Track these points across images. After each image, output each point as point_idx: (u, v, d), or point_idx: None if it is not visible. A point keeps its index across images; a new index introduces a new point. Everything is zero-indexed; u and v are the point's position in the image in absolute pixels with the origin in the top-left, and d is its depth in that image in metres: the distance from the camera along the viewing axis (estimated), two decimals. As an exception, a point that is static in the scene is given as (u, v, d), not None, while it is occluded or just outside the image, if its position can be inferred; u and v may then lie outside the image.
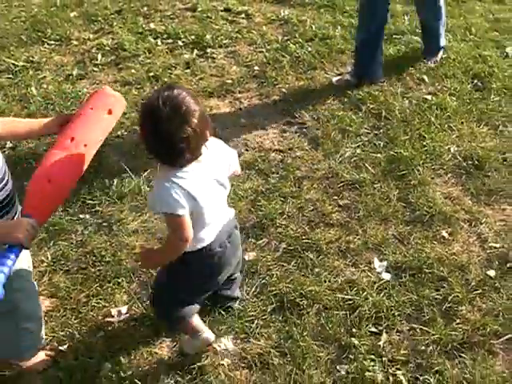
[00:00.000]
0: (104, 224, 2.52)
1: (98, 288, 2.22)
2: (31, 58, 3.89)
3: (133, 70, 3.74)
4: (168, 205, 1.64)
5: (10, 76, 3.69)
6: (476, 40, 4.15)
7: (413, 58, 3.83)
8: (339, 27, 4.24)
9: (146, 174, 2.80)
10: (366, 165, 2.83)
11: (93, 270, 2.29)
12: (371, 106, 3.29)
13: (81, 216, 2.57)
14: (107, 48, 4.03)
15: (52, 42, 4.13)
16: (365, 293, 2.18)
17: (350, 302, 2.15)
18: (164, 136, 1.60)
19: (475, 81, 3.64)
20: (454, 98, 3.45)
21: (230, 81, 3.58)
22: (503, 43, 4.14)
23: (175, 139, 1.60)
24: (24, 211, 1.61)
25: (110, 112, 1.83)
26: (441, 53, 3.92)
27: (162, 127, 1.59)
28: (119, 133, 3.09)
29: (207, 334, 1.96)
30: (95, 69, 3.80)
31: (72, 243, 2.43)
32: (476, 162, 2.92)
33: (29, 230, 1.53)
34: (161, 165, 1.72)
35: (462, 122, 3.22)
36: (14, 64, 3.75)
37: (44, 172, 1.63)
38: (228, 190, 1.85)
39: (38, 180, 1.62)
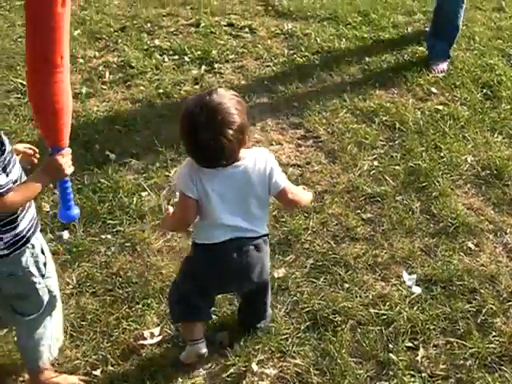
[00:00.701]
0: (127, 244, 2.50)
1: (128, 310, 2.20)
2: (39, 78, 3.86)
3: (142, 87, 3.73)
4: (181, 184, 1.79)
5: (19, 96, 3.66)
6: (481, 49, 4.20)
7: (419, 69, 3.87)
8: (344, 39, 4.28)
9: (164, 192, 2.79)
10: (386, 177, 2.84)
11: (120, 291, 2.27)
12: (384, 118, 3.31)
13: (102, 236, 2.55)
14: (114, 65, 4.02)
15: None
16: (398, 307, 2.18)
17: (384, 317, 2.15)
18: (197, 142, 1.66)
19: (485, 90, 3.69)
20: (466, 108, 3.48)
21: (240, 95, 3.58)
22: (508, 51, 4.20)
23: (208, 147, 1.65)
24: (47, 145, 1.75)
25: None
26: (447, 62, 3.98)
27: (197, 133, 1.64)
28: (134, 151, 3.07)
29: (201, 346, 1.96)
30: (104, 87, 3.78)
31: (96, 264, 2.41)
32: (494, 172, 2.95)
33: (64, 162, 1.72)
34: None
35: (476, 132, 3.26)
36: (22, 84, 3.73)
37: (45, 103, 1.69)
38: (262, 209, 1.85)
39: (43, 114, 1.72)
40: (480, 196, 2.79)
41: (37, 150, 1.92)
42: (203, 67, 3.91)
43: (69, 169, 1.75)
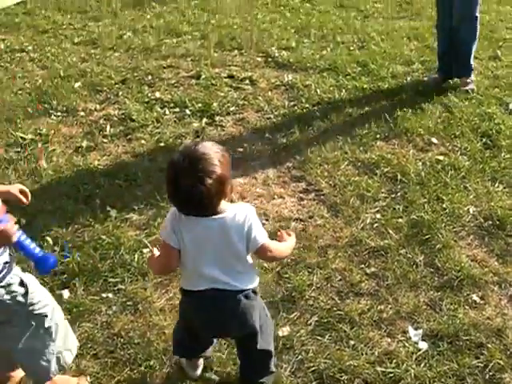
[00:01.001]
0: (129, 303, 2.50)
1: (129, 372, 2.18)
2: (39, 131, 3.93)
3: (143, 141, 3.79)
4: (164, 232, 1.85)
5: (19, 150, 3.72)
6: (479, 98, 4.29)
7: (419, 118, 3.94)
8: (344, 90, 4.38)
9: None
10: (389, 230, 2.85)
11: (122, 352, 2.26)
12: (385, 170, 3.35)
13: (103, 295, 2.55)
14: (115, 118, 4.10)
15: (59, 114, 4.19)
16: (404, 364, 2.17)
17: (391, 375, 2.14)
18: (178, 188, 1.70)
19: (484, 139, 3.75)
20: (466, 158, 3.53)
21: (241, 149, 3.64)
22: (506, 100, 4.29)
23: (188, 194, 1.69)
24: None
25: None
26: (472, 77, 4.42)
27: (178, 180, 1.69)
28: (136, 206, 3.10)
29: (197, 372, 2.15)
30: (104, 140, 3.84)
31: (97, 325, 2.40)
32: (497, 222, 2.96)
33: (7, 229, 1.68)
34: None
35: (477, 182, 3.29)
36: (22, 137, 3.79)
37: None
38: (241, 264, 1.85)
39: None
40: (483, 247, 2.80)
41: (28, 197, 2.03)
42: (204, 120, 3.98)
43: (14, 236, 1.72)
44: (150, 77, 4.69)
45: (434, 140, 3.71)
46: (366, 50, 5.21)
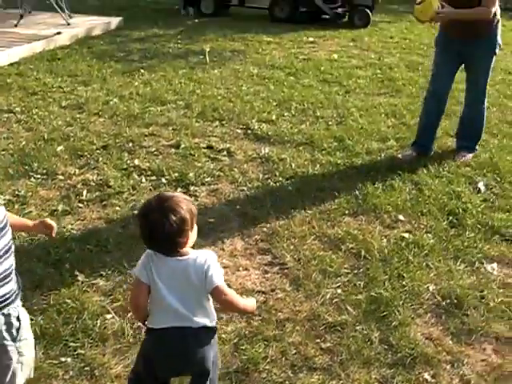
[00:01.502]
0: (86, 368, 2.58)
1: None
2: (17, 192, 4.07)
3: (117, 208, 3.93)
4: (136, 269, 2.08)
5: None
6: (449, 176, 4.51)
7: (389, 196, 4.12)
8: (318, 165, 4.58)
9: (129, 314, 2.91)
10: (347, 306, 2.98)
11: (74, 419, 2.33)
12: (350, 246, 3.51)
13: (62, 359, 2.64)
14: (92, 184, 4.25)
15: (38, 176, 4.33)
16: None
17: None
18: (147, 224, 1.97)
19: (450, 217, 3.92)
20: (431, 236, 3.70)
21: (212, 219, 3.79)
22: (475, 178, 4.49)
23: (154, 229, 1.95)
24: None
25: None
26: (471, 155, 4.79)
27: (147, 216, 1.97)
28: (103, 272, 3.22)
29: None
30: (80, 205, 3.98)
31: (52, 389, 2.48)
32: (455, 301, 3.09)
33: None
34: None
35: (440, 260, 3.44)
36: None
37: None
38: (201, 303, 2.06)
39: None
40: (439, 326, 2.93)
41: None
42: (179, 189, 4.15)
43: None
44: (130, 144, 4.89)
45: (401, 217, 3.89)
46: (344, 125, 5.46)
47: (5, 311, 1.95)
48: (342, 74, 7.22)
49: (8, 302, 1.96)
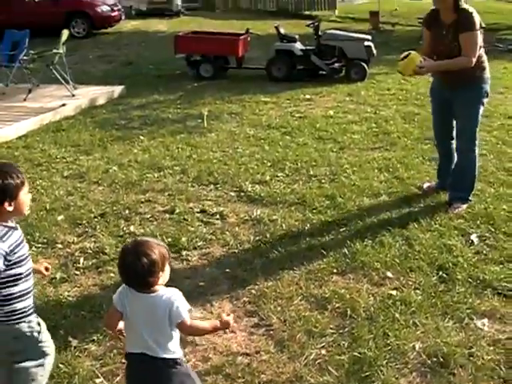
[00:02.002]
0: None
1: None
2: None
3: (111, 274, 4.04)
4: (114, 296, 2.45)
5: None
6: (440, 229, 4.55)
7: (378, 252, 4.18)
8: (308, 225, 4.67)
9: (118, 378, 2.97)
10: (330, 367, 3.01)
11: None
12: (337, 305, 3.56)
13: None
14: (89, 251, 4.38)
15: (39, 245, 4.48)
16: None
17: None
18: (123, 262, 2.34)
19: (440, 272, 3.95)
20: (419, 292, 3.73)
21: (202, 283, 3.88)
22: (468, 230, 4.53)
23: (128, 267, 2.31)
24: None
25: None
26: (465, 206, 4.89)
27: (124, 257, 2.34)
28: (95, 337, 3.30)
29: None
30: (77, 272, 4.11)
31: None
32: (441, 359, 3.10)
33: None
34: None
35: (427, 317, 3.47)
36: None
37: None
38: (165, 336, 2.36)
39: None
40: (424, 385, 2.94)
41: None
42: (172, 254, 4.24)
43: None
44: (127, 211, 5.03)
45: (389, 274, 3.93)
46: (337, 182, 5.57)
47: (27, 319, 2.49)
48: (337, 131, 7.37)
49: (30, 312, 2.52)
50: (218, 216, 4.88)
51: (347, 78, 10.62)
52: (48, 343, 2.61)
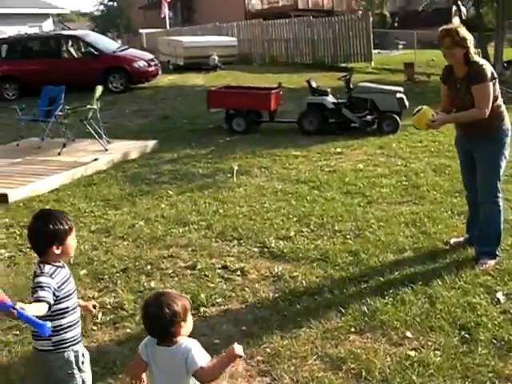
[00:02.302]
0: None
1: None
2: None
3: (128, 330, 4.13)
4: (140, 347, 2.65)
5: (17, 332, 4.08)
6: (465, 286, 4.48)
7: (399, 310, 4.14)
8: (329, 281, 4.67)
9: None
10: (341, 431, 2.97)
11: None
12: (352, 366, 3.53)
13: None
14: (108, 306, 4.48)
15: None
16: None
17: None
18: (145, 314, 2.52)
19: (463, 332, 3.88)
20: (439, 353, 3.67)
21: (217, 340, 3.91)
22: (494, 288, 4.46)
23: (150, 319, 2.48)
24: None
25: None
26: (493, 262, 4.82)
27: (146, 308, 2.51)
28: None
29: None
30: (94, 327, 4.20)
31: None
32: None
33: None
34: None
35: (445, 380, 3.41)
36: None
37: None
38: None
39: None
40: None
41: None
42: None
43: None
44: (149, 266, 5.12)
45: (409, 334, 3.88)
46: (362, 238, 5.56)
47: (74, 348, 2.80)
48: (365, 184, 7.39)
49: (77, 341, 2.84)
50: (239, 272, 4.93)
51: (379, 131, 10.68)
52: (89, 374, 2.93)
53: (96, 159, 8.99)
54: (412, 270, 4.83)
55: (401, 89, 11.08)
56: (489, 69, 4.66)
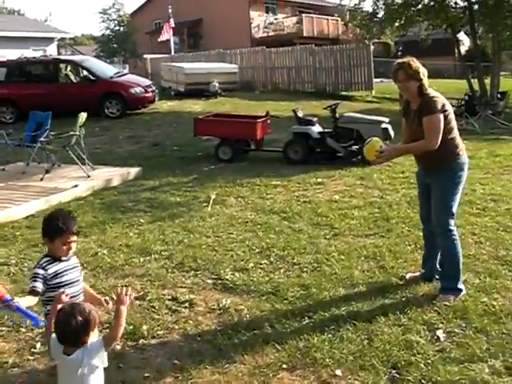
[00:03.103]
0: None
1: None
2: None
3: (63, 361, 4.15)
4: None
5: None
6: (408, 324, 4.48)
7: (333, 347, 4.15)
8: (274, 316, 4.70)
9: None
10: None
11: None
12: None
13: None
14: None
15: (4, 329, 4.66)
16: None
17: None
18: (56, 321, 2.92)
19: (393, 371, 3.88)
20: None
21: (148, 374, 3.94)
22: (437, 325, 4.45)
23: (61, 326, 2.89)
24: None
25: None
26: (453, 297, 4.84)
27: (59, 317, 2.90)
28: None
29: None
30: (30, 357, 4.24)
31: None
32: None
33: None
34: None
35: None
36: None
37: None
38: None
39: None
40: None
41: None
42: (128, 343, 4.34)
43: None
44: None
45: (339, 372, 3.89)
46: (318, 271, 5.59)
47: None
48: (336, 216, 7.43)
49: None
50: (187, 304, 4.97)
51: (364, 161, 10.70)
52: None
53: (76, 186, 9.11)
54: (359, 305, 4.85)
55: (386, 119, 11.16)
56: (440, 101, 4.72)
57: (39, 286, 3.38)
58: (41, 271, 3.43)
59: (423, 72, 4.77)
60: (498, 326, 4.44)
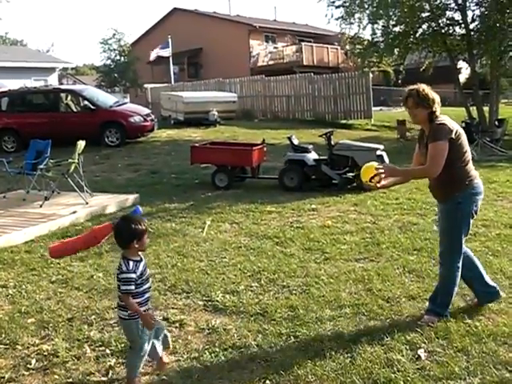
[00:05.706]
0: None
1: None
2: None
3: (56, 376, 4.37)
4: None
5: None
6: (390, 343, 4.66)
7: (316, 365, 4.34)
8: (261, 335, 4.90)
9: None
10: None
11: None
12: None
13: None
14: (45, 353, 4.73)
15: (1, 346, 4.87)
16: None
17: None
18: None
19: (373, 391, 4.08)
20: None
21: (140, 387, 4.14)
22: (419, 345, 4.64)
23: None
24: None
25: None
26: (437, 319, 4.99)
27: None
28: None
29: None
30: (25, 373, 4.45)
31: None
32: None
33: None
34: None
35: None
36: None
37: None
38: None
39: None
40: None
41: None
42: (120, 360, 4.55)
43: None
44: (93, 316, 5.40)
45: (321, 386, 4.09)
46: (306, 294, 5.81)
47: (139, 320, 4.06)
48: (328, 241, 7.65)
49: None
50: (177, 324, 5.18)
51: (359, 188, 10.98)
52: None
53: (74, 212, 9.36)
54: (344, 326, 5.05)
55: (381, 146, 11.45)
56: (447, 127, 4.69)
57: (132, 288, 3.99)
58: (133, 275, 3.99)
59: (433, 99, 4.79)
60: (479, 345, 4.63)
